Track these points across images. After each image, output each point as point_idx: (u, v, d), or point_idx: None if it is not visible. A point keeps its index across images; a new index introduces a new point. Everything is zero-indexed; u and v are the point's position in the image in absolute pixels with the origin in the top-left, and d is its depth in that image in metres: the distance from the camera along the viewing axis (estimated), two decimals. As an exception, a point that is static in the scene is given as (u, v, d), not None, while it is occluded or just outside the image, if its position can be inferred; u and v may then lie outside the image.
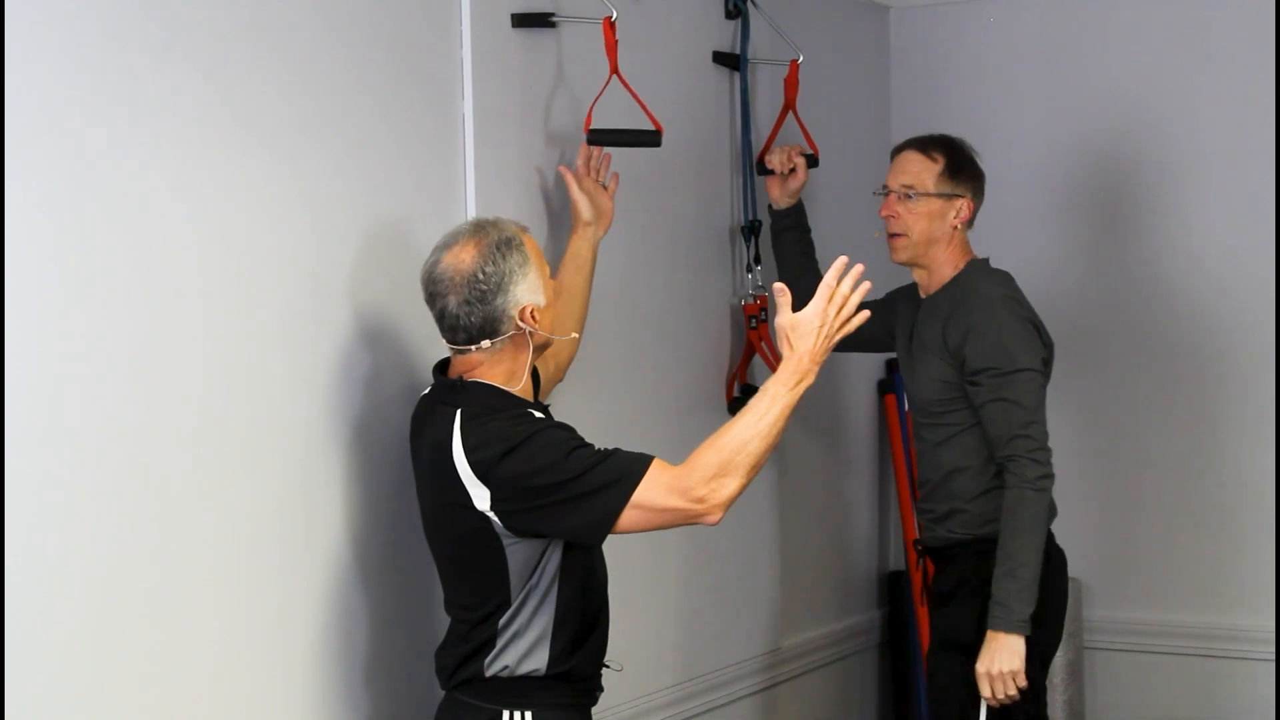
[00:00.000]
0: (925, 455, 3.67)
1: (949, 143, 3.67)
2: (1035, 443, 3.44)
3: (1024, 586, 3.41)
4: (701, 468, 2.66)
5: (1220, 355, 4.38)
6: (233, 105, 2.66)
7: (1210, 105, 4.38)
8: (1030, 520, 3.42)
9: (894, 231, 3.64)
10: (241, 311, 2.68)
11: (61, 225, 2.40)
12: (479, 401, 2.73)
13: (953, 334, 3.53)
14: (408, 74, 3.03)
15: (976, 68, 4.72)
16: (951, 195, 3.62)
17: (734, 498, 2.68)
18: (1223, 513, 4.40)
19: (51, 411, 2.39)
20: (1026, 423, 3.44)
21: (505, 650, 2.74)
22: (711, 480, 2.65)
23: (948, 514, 3.61)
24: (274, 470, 2.74)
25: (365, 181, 2.92)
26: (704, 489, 2.65)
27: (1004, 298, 3.55)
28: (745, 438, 2.67)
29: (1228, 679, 4.39)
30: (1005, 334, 3.49)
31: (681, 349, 3.82)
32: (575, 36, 3.38)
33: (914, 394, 3.68)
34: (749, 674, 4.11)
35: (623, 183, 3.55)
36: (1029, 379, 3.47)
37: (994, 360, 3.47)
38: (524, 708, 2.75)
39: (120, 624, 2.49)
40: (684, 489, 2.65)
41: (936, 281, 3.66)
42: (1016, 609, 3.41)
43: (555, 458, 2.64)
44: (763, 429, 2.68)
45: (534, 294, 2.76)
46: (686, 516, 2.68)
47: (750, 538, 4.09)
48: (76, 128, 2.42)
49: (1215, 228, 4.39)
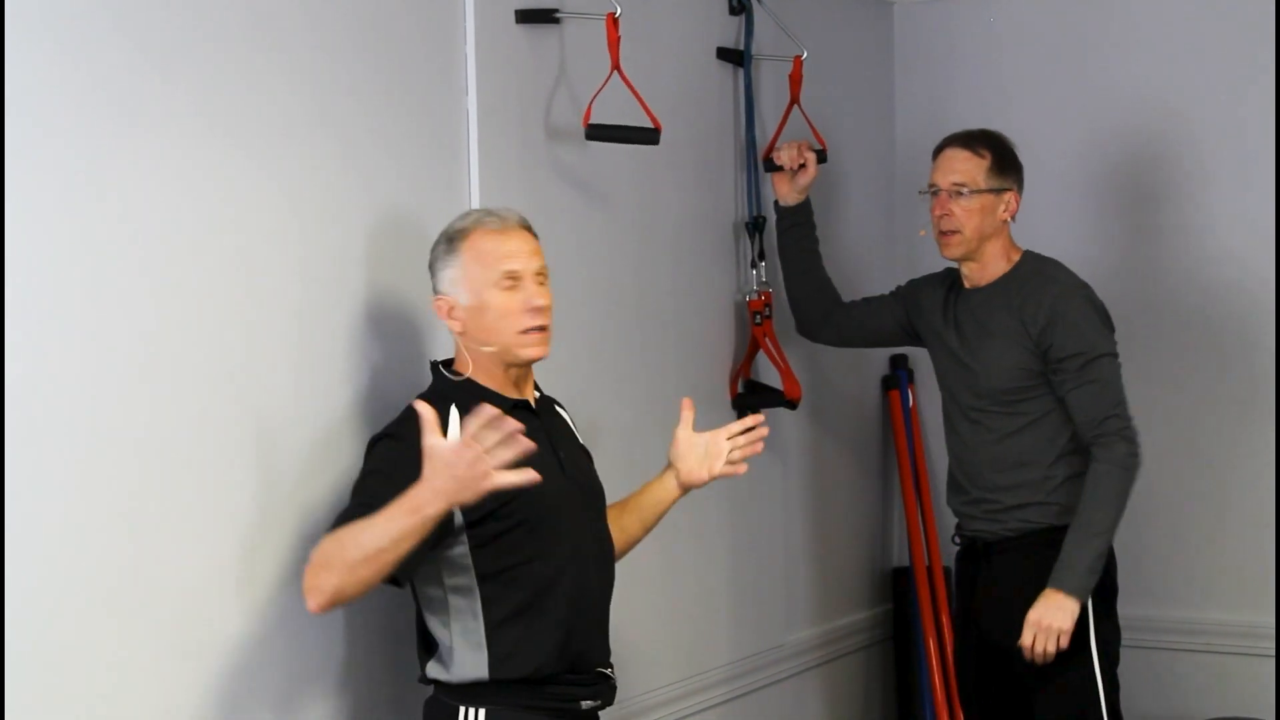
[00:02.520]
0: (985, 446, 3.66)
1: (992, 137, 3.69)
2: (1123, 422, 3.52)
3: (1095, 556, 3.48)
4: (315, 553, 2.55)
5: (1226, 349, 4.37)
6: (237, 101, 2.66)
7: (1212, 100, 4.38)
8: (1115, 495, 3.49)
9: (948, 229, 3.65)
10: (246, 307, 2.68)
11: (65, 224, 2.40)
12: (432, 390, 2.78)
13: (1033, 322, 3.56)
14: (412, 69, 3.03)
15: (980, 63, 4.71)
16: (1000, 189, 3.64)
17: (325, 591, 2.50)
18: (1224, 509, 4.39)
19: (51, 411, 2.38)
20: (1115, 402, 3.53)
21: (438, 654, 2.72)
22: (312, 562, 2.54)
23: (1018, 506, 3.62)
24: (277, 466, 2.74)
25: (369, 176, 2.92)
26: (306, 574, 2.53)
27: (1080, 285, 3.63)
28: (354, 543, 2.50)
29: (1229, 675, 4.38)
30: (1087, 320, 3.56)
31: (685, 345, 3.82)
32: (579, 32, 3.39)
33: (977, 383, 3.66)
34: (753, 669, 4.11)
35: (626, 178, 3.56)
36: (1111, 362, 3.56)
37: (1080, 346, 3.53)
38: (478, 705, 2.69)
39: (120, 621, 2.49)
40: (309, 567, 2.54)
41: (991, 274, 3.68)
42: (1082, 575, 3.47)
43: (364, 470, 2.69)
44: (370, 543, 2.47)
45: (453, 287, 2.76)
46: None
47: (755, 534, 4.09)
48: (79, 124, 2.41)
49: (1219, 230, 4.38)
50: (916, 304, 3.85)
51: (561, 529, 2.76)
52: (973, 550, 3.73)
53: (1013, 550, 3.64)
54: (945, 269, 3.86)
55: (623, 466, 3.33)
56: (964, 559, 3.78)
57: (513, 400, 2.77)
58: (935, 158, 3.72)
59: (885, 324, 3.98)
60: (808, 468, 4.36)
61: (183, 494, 2.58)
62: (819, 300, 4.04)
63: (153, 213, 2.53)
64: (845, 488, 4.58)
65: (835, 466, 4.52)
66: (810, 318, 4.06)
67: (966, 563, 3.77)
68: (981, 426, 3.66)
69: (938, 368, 3.81)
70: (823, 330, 4.07)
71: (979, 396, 3.66)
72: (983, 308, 3.67)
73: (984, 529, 3.69)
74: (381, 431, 2.74)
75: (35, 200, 2.35)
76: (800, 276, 4.03)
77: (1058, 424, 3.60)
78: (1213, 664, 4.41)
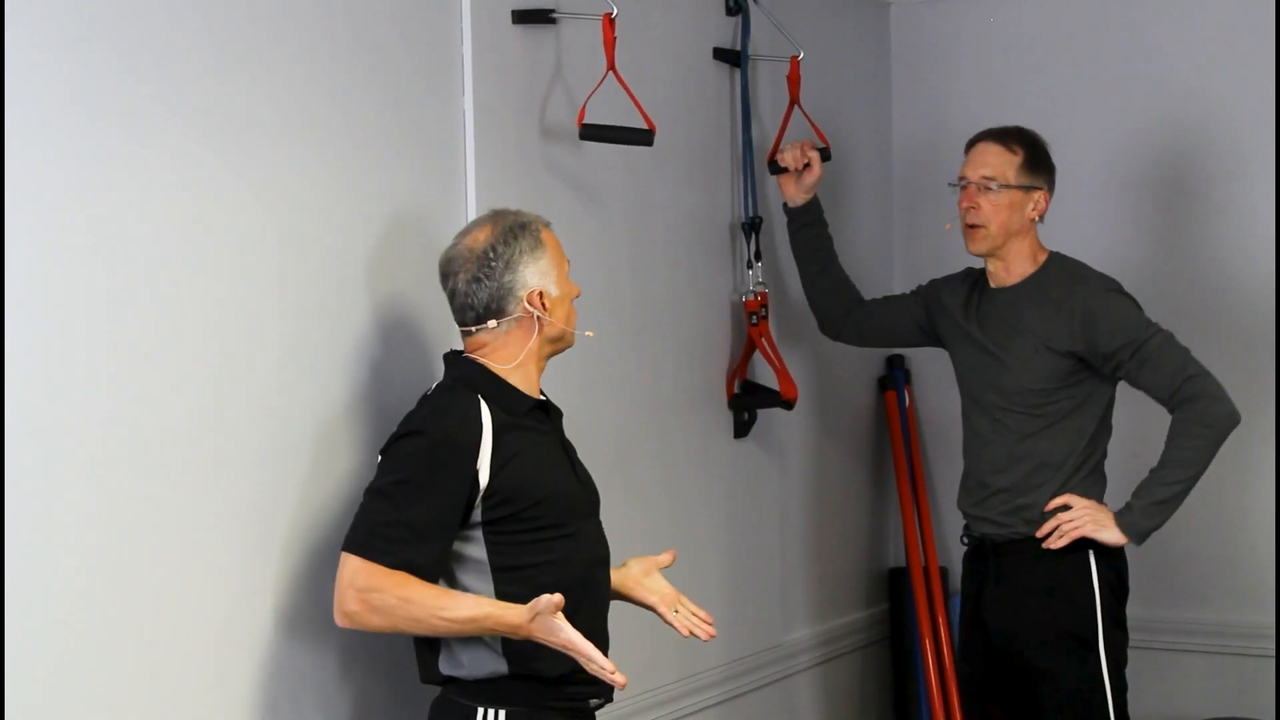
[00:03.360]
0: (1004, 446, 3.66)
1: (1026, 135, 3.69)
2: (1198, 383, 3.51)
3: (1160, 503, 3.53)
4: (378, 590, 2.58)
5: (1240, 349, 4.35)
6: (232, 101, 2.66)
7: (1217, 98, 4.39)
8: (1189, 449, 3.50)
9: (974, 223, 3.65)
10: (241, 310, 2.68)
11: (60, 224, 2.39)
12: (454, 375, 2.75)
13: (1069, 322, 3.56)
14: (408, 70, 3.03)
15: (977, 63, 4.72)
16: (1030, 187, 3.64)
17: (361, 624, 2.60)
18: (1226, 509, 4.39)
19: (46, 412, 2.38)
20: (1179, 370, 3.52)
21: (454, 653, 2.70)
22: (368, 600, 2.58)
23: (1032, 506, 3.62)
24: (270, 469, 2.74)
25: (365, 177, 2.92)
26: (354, 601, 2.59)
27: (1110, 280, 3.64)
28: (428, 614, 2.59)
29: (1230, 675, 4.39)
30: (1125, 309, 3.58)
31: (682, 345, 3.82)
32: (575, 33, 3.39)
33: (1004, 382, 3.65)
34: (750, 670, 4.11)
35: (623, 179, 3.56)
36: (1159, 336, 3.55)
37: (1127, 336, 3.53)
38: (498, 705, 2.69)
39: (118, 621, 2.49)
40: (353, 588, 2.58)
41: (1017, 273, 3.68)
42: (1136, 514, 3.53)
43: (393, 473, 2.64)
44: (442, 621, 2.60)
45: (544, 279, 2.75)
46: (336, 598, 2.61)
47: (751, 535, 4.09)
48: (72, 125, 2.41)
49: (1221, 229, 4.39)
50: (939, 303, 3.85)
51: (576, 531, 2.78)
52: (981, 550, 3.73)
53: (1023, 551, 3.64)
54: (965, 269, 3.86)
55: (617, 467, 3.33)
56: (972, 559, 3.78)
57: (533, 401, 2.79)
58: (968, 151, 3.71)
59: (905, 324, 3.97)
60: (804, 468, 4.36)
61: (180, 494, 2.57)
62: (839, 298, 4.04)
63: (146, 216, 2.52)
64: (842, 488, 4.58)
65: (832, 467, 4.52)
66: (832, 317, 4.06)
67: (975, 563, 3.77)
68: (1003, 426, 3.66)
69: (959, 367, 3.80)
70: (845, 328, 4.07)
71: (1004, 395, 3.65)
72: (1010, 307, 3.66)
73: (994, 531, 3.68)
74: (407, 428, 2.69)
75: (26, 203, 2.35)
76: (818, 276, 4.02)
77: (1078, 427, 3.60)
78: (1212, 664, 4.41)
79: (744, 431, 4.03)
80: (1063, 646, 3.57)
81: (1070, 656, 3.55)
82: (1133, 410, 3.78)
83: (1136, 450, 4.26)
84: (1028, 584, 3.62)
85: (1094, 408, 3.62)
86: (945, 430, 4.61)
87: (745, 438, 4.04)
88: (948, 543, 4.69)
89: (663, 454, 3.72)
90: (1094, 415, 3.62)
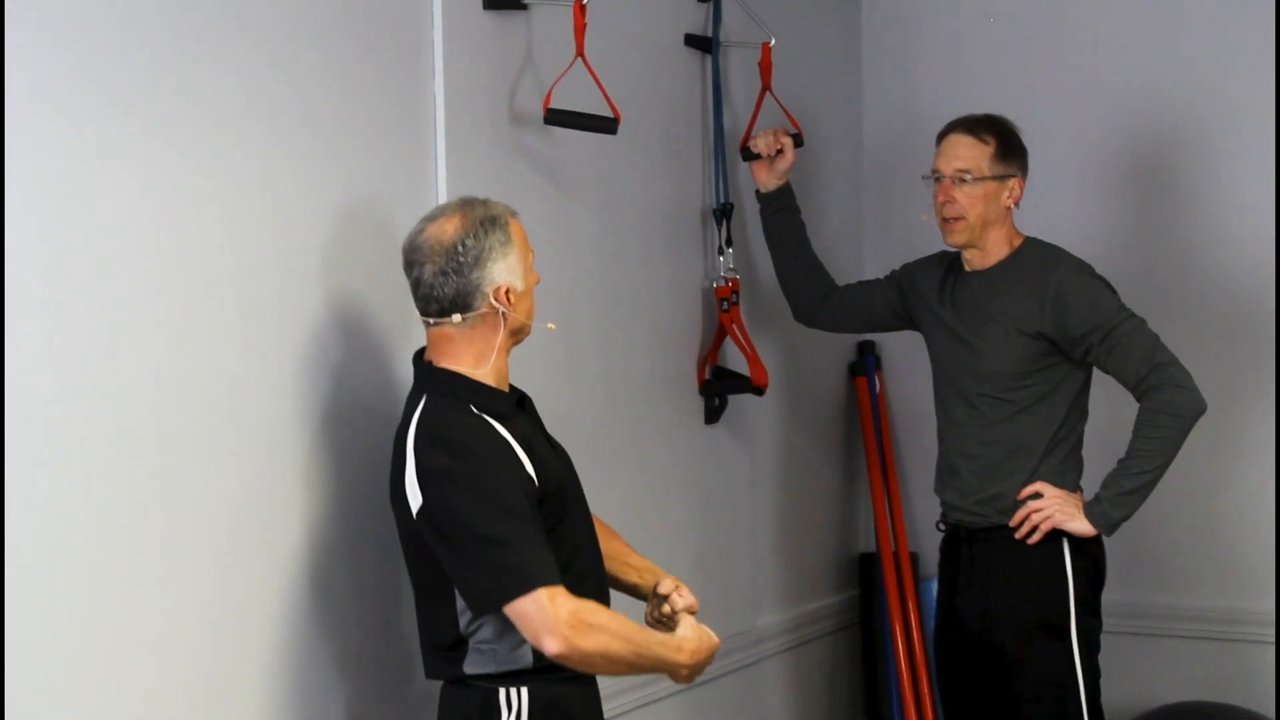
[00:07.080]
0: (978, 432, 3.67)
1: (996, 122, 3.68)
2: (1165, 371, 3.51)
3: (1128, 493, 3.54)
4: (593, 633, 2.63)
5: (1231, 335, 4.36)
6: (198, 88, 2.63)
7: (1196, 86, 4.40)
8: (1153, 439, 3.51)
9: (951, 216, 3.65)
10: (206, 300, 2.65)
11: (26, 221, 2.36)
12: (443, 391, 2.71)
13: (1040, 305, 3.57)
14: (378, 56, 3.01)
15: (948, 50, 4.72)
16: (1004, 176, 3.65)
17: (584, 651, 2.62)
18: (1225, 496, 4.40)
19: (42, 412, 2.36)
20: (1147, 356, 3.52)
21: (480, 656, 2.69)
22: (592, 638, 2.63)
23: (1003, 494, 3.63)
24: (242, 462, 2.72)
25: (334, 164, 2.91)
26: (573, 634, 2.60)
27: (1083, 263, 3.65)
28: (634, 651, 2.72)
29: (1229, 661, 4.39)
30: (1096, 293, 3.58)
31: (653, 331, 3.82)
32: (546, 19, 3.38)
33: (978, 365, 3.66)
34: (720, 654, 4.06)
35: (594, 165, 3.55)
36: (1130, 321, 3.55)
37: (1096, 320, 3.54)
38: (519, 684, 2.69)
39: (116, 621, 2.48)
40: (558, 618, 2.58)
41: (992, 259, 3.69)
42: (1105, 505, 3.55)
43: (487, 508, 2.59)
44: (638, 658, 2.75)
45: (511, 275, 2.73)
46: (544, 637, 2.60)
47: (722, 520, 4.10)
48: (35, 117, 2.38)
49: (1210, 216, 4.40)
50: (913, 287, 3.85)
51: (576, 515, 2.81)
52: (955, 537, 3.75)
53: (996, 538, 3.65)
54: (940, 251, 3.86)
55: (588, 453, 3.33)
56: (948, 546, 3.80)
57: (514, 397, 2.79)
58: (939, 143, 3.71)
59: (879, 308, 3.98)
60: (775, 454, 4.37)
61: (176, 491, 2.56)
62: (813, 284, 4.04)
63: (109, 207, 2.48)
64: (812, 473, 4.59)
65: (802, 452, 4.53)
66: (806, 302, 4.06)
67: (950, 550, 3.78)
68: (977, 411, 3.67)
69: (934, 351, 3.81)
70: (819, 314, 4.07)
71: (978, 379, 3.66)
72: (983, 291, 3.68)
73: (968, 518, 3.70)
74: (446, 460, 2.63)
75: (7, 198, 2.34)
76: (792, 261, 4.03)
77: (1050, 411, 3.62)
78: (1194, 650, 4.42)
79: (715, 417, 4.03)
80: (1035, 634, 3.59)
81: (1043, 644, 3.57)
82: (1116, 394, 3.76)
83: (1119, 434, 4.30)
84: (1001, 571, 3.64)
85: (1067, 392, 3.64)
86: (916, 416, 4.62)
87: (716, 423, 4.04)
88: (918, 528, 4.70)
89: (633, 440, 3.73)
90: (1066, 399, 3.63)
